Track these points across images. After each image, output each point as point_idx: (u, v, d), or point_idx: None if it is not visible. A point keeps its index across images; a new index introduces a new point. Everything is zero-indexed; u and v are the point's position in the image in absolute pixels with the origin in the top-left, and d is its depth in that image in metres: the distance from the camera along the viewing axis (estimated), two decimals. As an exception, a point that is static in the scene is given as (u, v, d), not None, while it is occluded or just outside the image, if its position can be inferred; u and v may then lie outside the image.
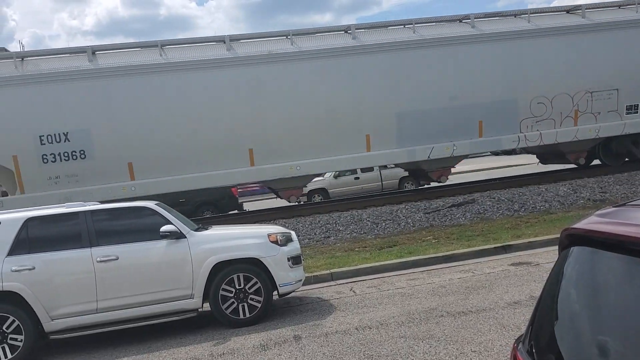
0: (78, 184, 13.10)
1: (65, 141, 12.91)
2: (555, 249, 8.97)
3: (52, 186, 13.02)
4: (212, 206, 19.08)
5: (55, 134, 12.87)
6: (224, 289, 7.02)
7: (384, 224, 12.82)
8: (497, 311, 6.35)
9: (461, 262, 9.31)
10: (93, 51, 13.36)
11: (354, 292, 8.22)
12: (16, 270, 6.53)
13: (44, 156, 12.89)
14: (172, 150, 13.42)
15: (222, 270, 7.04)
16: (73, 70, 12.96)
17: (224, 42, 13.91)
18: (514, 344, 2.27)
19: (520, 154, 22.81)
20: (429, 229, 12.27)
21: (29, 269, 6.57)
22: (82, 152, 13.03)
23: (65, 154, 12.95)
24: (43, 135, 12.82)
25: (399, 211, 13.47)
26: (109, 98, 13.10)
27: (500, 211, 13.10)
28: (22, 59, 13.18)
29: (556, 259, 2.20)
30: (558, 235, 2.31)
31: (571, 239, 2.08)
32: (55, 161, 12.95)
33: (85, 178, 13.12)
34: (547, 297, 2.10)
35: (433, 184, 19.22)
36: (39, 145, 12.83)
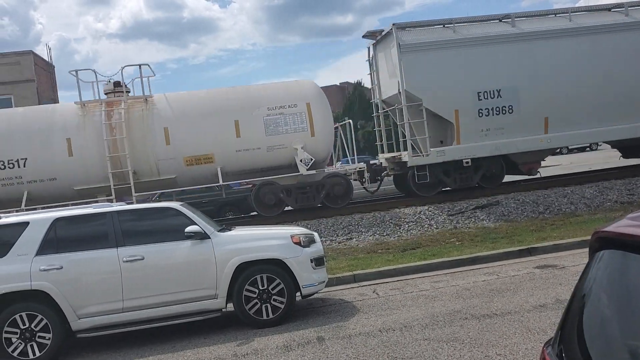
0: (503, 136, 14.68)
1: (497, 97, 14.59)
2: (581, 251, 8.85)
3: (483, 137, 14.68)
4: (234, 207, 19.19)
5: (490, 91, 14.56)
6: (247, 290, 7.05)
7: (406, 225, 12.77)
8: (523, 314, 6.28)
9: (485, 265, 9.23)
10: (504, 18, 15.16)
11: (377, 294, 8.20)
12: (44, 270, 6.65)
13: (480, 110, 14.58)
14: (580, 107, 14.80)
15: (246, 271, 7.07)
16: (503, 34, 14.73)
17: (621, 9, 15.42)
18: (543, 347, 2.25)
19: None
20: (453, 231, 12.19)
21: (57, 269, 6.68)
22: (510, 107, 14.65)
23: (497, 109, 14.60)
24: (480, 92, 14.54)
25: (422, 213, 13.40)
26: (532, 59, 14.66)
27: (525, 213, 12.96)
28: (444, 26, 15.00)
29: (585, 262, 2.18)
30: (584, 238, 2.29)
31: (602, 242, 2.05)
32: (488, 115, 14.62)
33: (509, 130, 14.67)
34: (577, 301, 2.07)
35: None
36: (476, 101, 14.55)
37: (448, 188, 15.22)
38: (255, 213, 15.99)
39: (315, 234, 7.82)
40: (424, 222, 12.88)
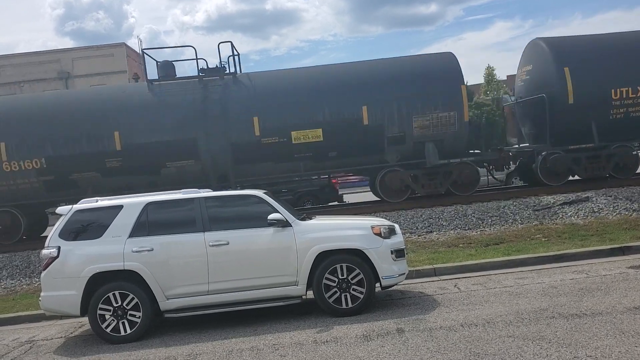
0: None
1: None
2: (683, 252, 8.21)
3: None
4: (312, 197, 19.38)
5: None
6: (327, 278, 7.10)
7: (489, 220, 12.43)
8: (615, 315, 5.96)
9: (573, 263, 8.84)
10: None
11: (458, 288, 8.04)
12: (136, 251, 7.00)
13: None
14: None
15: (326, 260, 7.12)
16: None
17: None
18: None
19: None
20: (538, 226, 11.74)
21: (148, 250, 7.01)
22: None
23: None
24: None
25: (506, 207, 12.99)
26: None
27: (617, 210, 12.28)
28: None
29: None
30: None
31: None
32: None
33: None
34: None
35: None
36: None
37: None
38: (334, 203, 16.09)
39: (396, 226, 7.76)
40: (508, 216, 12.48)
